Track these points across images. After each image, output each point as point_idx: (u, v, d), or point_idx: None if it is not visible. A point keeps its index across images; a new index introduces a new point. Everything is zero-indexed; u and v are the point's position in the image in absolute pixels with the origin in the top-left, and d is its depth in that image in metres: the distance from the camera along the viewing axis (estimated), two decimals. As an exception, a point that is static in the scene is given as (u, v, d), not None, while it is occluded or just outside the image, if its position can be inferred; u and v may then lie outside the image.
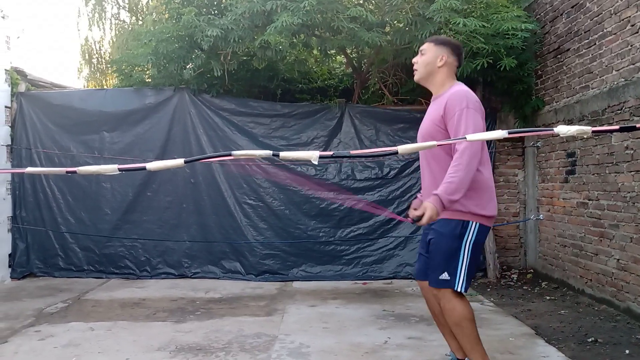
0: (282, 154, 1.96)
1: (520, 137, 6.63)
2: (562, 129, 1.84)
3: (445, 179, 2.84)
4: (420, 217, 2.77)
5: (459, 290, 2.96)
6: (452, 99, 2.98)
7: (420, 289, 3.27)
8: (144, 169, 1.94)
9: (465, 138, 2.11)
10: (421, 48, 3.23)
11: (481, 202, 2.98)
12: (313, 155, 1.87)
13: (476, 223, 2.98)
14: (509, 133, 1.94)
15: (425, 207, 2.78)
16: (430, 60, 3.16)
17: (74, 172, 1.93)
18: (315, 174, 6.52)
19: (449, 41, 3.24)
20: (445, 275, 2.98)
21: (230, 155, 1.90)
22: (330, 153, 2.05)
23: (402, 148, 2.07)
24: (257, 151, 1.96)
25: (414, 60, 3.27)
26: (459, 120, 2.91)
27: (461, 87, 3.09)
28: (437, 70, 3.15)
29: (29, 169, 2.04)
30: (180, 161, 1.93)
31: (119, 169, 1.93)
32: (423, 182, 3.22)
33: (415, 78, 3.27)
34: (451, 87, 3.10)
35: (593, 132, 1.86)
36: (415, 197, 3.37)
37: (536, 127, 6.36)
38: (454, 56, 3.18)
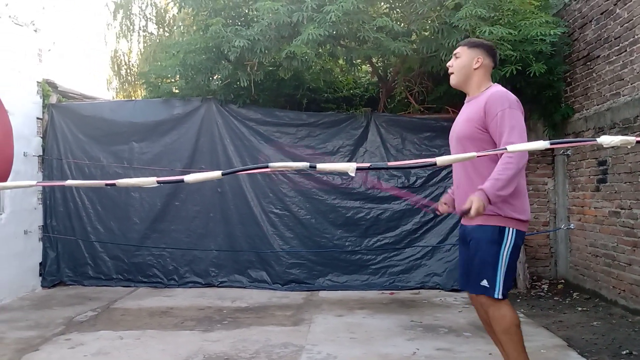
0: (319, 166, 1.95)
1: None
2: (605, 140, 1.79)
3: (493, 175, 2.81)
4: (467, 211, 2.73)
5: (497, 297, 2.93)
6: (493, 100, 2.95)
7: (470, 298, 3.22)
8: (181, 181, 1.95)
9: (506, 149, 2.06)
10: (455, 52, 3.22)
11: (517, 206, 2.95)
12: (350, 167, 1.86)
13: (513, 229, 2.95)
14: (551, 144, 1.89)
15: (472, 200, 2.75)
16: (465, 64, 3.14)
17: (113, 184, 1.95)
18: (342, 183, 6.51)
19: (483, 43, 3.22)
20: (484, 283, 2.96)
21: (267, 167, 1.90)
22: (368, 165, 2.03)
23: (441, 160, 2.04)
24: (294, 163, 1.95)
25: (448, 64, 3.26)
26: (502, 121, 2.89)
27: (499, 88, 3.07)
28: (474, 72, 3.13)
29: (70, 182, 2.06)
30: (217, 173, 1.94)
31: (157, 182, 1.94)
32: (456, 181, 3.20)
33: (452, 82, 3.25)
34: (488, 89, 3.09)
35: (638, 142, 1.81)
36: (446, 192, 3.36)
37: (566, 135, 6.27)
38: (489, 57, 3.16)
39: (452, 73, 3.22)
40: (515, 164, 2.80)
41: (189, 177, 1.96)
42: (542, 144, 1.89)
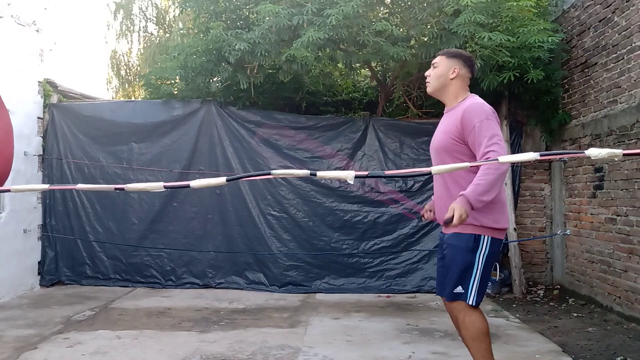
0: (319, 174, 1.99)
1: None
2: (593, 152, 1.83)
3: (475, 181, 2.85)
4: (451, 219, 2.77)
5: (471, 303, 2.98)
6: (469, 112, 3.00)
7: (444, 305, 3.27)
8: (187, 186, 1.99)
9: (497, 160, 2.11)
10: (433, 61, 3.27)
11: (494, 215, 2.99)
12: (349, 175, 1.90)
13: (488, 237, 2.99)
14: (541, 155, 1.94)
15: (453, 207, 2.78)
16: (442, 73, 3.19)
17: (122, 189, 1.99)
18: (339, 187, 6.54)
19: (461, 53, 3.27)
20: (459, 289, 3.01)
21: (269, 174, 1.95)
22: (366, 173, 2.08)
23: (436, 169, 2.10)
24: (295, 170, 1.99)
25: (426, 73, 3.31)
26: (480, 132, 2.93)
27: (476, 100, 3.12)
28: (450, 82, 3.17)
29: (80, 186, 2.10)
30: (222, 179, 1.98)
31: (165, 187, 1.98)
32: (436, 192, 3.23)
33: (428, 90, 3.30)
34: (465, 100, 3.13)
35: (624, 155, 1.85)
36: (431, 199, 3.38)
37: (563, 141, 6.31)
38: (466, 68, 3.20)
39: (428, 82, 3.26)
40: (495, 168, 2.84)
41: (195, 183, 2.01)
42: (532, 156, 1.94)
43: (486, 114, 2.98)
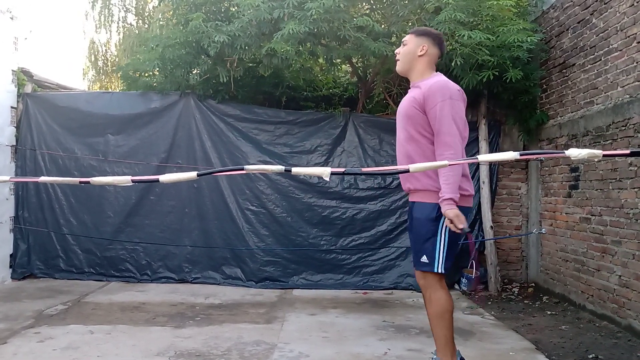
0: (294, 170, 1.96)
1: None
2: (573, 152, 1.84)
3: (444, 180, 2.96)
4: (456, 227, 2.90)
5: (438, 271, 3.05)
6: (434, 89, 3.06)
7: (416, 278, 3.30)
8: (157, 181, 1.93)
9: (477, 159, 2.11)
10: (403, 39, 3.34)
11: None
12: (325, 171, 1.87)
13: None
14: (521, 154, 1.95)
15: (446, 215, 2.91)
16: (411, 50, 3.26)
17: (87, 182, 1.92)
18: (318, 182, 6.52)
19: (430, 32, 3.33)
20: (424, 259, 3.09)
21: (242, 169, 1.91)
22: (342, 170, 2.07)
23: (414, 167, 2.10)
24: (270, 166, 1.96)
25: (396, 51, 3.38)
26: (442, 111, 3.00)
27: (441, 78, 3.18)
28: (418, 59, 3.24)
29: (44, 178, 2.03)
30: (193, 174, 1.93)
31: (132, 181, 1.92)
32: (399, 162, 3.29)
33: (397, 68, 3.36)
34: (431, 77, 3.20)
35: (604, 156, 1.86)
36: None
37: (540, 140, 6.37)
38: (435, 46, 3.27)
39: (398, 59, 3.32)
40: (452, 166, 2.94)
41: (164, 177, 1.95)
42: (512, 155, 1.94)
43: (450, 92, 3.05)
